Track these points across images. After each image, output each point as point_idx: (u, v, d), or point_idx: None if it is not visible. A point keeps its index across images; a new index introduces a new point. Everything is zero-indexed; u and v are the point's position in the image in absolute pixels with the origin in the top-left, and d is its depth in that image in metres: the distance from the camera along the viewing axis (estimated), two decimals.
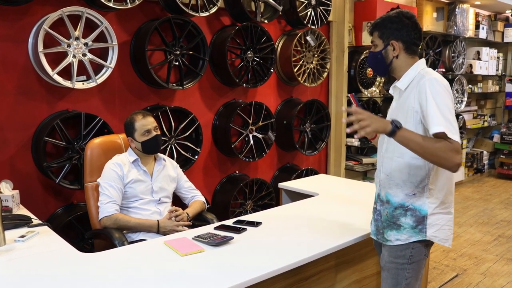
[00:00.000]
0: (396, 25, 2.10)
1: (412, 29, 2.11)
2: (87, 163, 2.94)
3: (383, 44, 2.14)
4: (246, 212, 4.37)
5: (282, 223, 2.68)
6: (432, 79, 2.00)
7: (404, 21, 2.10)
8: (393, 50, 2.13)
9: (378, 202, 2.26)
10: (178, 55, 3.75)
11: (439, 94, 1.95)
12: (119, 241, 2.55)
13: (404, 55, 2.13)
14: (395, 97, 2.22)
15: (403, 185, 2.12)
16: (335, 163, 5.39)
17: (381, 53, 2.16)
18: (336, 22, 5.21)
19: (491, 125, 8.32)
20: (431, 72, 2.08)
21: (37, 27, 3.18)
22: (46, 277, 1.92)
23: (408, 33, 2.10)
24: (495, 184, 7.80)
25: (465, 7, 6.85)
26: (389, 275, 2.18)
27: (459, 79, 7.04)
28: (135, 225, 2.75)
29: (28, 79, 3.22)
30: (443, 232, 2.13)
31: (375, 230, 2.28)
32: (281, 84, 4.83)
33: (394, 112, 2.18)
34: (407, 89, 2.11)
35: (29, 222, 2.54)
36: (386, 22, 2.13)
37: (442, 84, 2.00)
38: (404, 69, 2.14)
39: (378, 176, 2.26)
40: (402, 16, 2.11)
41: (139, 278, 1.91)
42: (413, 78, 2.10)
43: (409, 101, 2.06)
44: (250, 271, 1.97)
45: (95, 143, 2.98)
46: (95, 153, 2.95)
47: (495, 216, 5.94)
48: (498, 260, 4.47)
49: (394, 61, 2.15)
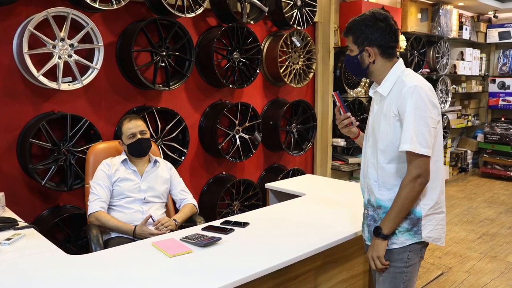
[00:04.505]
0: (370, 29, 2.04)
1: (387, 32, 2.04)
2: (89, 166, 3.10)
3: (358, 49, 2.09)
4: (233, 213, 4.37)
5: (270, 224, 2.70)
6: (414, 87, 1.97)
7: (379, 24, 2.04)
8: (368, 56, 2.08)
9: (369, 208, 2.21)
10: (164, 56, 3.74)
11: (418, 107, 1.95)
12: (94, 237, 2.68)
13: (380, 59, 2.09)
14: (376, 100, 2.18)
15: (394, 187, 2.08)
16: (321, 163, 5.42)
17: (357, 58, 2.11)
18: (322, 23, 5.24)
19: (474, 125, 8.42)
20: (412, 75, 2.07)
21: (21, 28, 3.15)
22: (33, 279, 1.91)
23: (383, 36, 2.04)
24: (479, 183, 7.90)
25: (449, 8, 6.93)
26: (386, 279, 2.14)
27: (443, 79, 7.12)
28: (113, 227, 2.81)
29: (13, 80, 3.19)
30: (436, 232, 2.11)
31: (369, 235, 2.21)
32: (267, 84, 4.84)
33: (376, 116, 2.15)
34: (389, 95, 2.08)
35: (15, 225, 2.52)
36: (360, 26, 2.06)
37: (424, 91, 1.98)
38: (383, 72, 2.10)
39: (365, 182, 2.22)
40: (376, 19, 2.04)
41: (127, 279, 1.91)
42: (394, 82, 2.07)
43: (391, 107, 2.04)
44: (238, 272, 1.98)
45: (98, 148, 3.17)
46: (97, 158, 3.10)
47: (479, 214, 6.02)
48: (482, 258, 4.54)
49: (371, 66, 2.11)
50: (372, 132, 2.16)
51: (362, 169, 2.27)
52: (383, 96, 2.10)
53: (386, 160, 2.08)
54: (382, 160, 2.10)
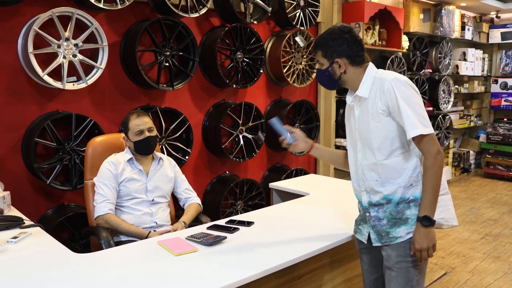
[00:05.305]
0: (337, 42, 2.14)
1: (353, 43, 2.14)
2: (88, 161, 2.96)
3: (328, 62, 2.18)
4: (237, 213, 4.38)
5: (274, 223, 2.70)
6: (394, 80, 2.06)
7: (344, 36, 2.13)
8: (339, 67, 2.17)
9: (371, 209, 2.22)
10: (168, 56, 3.75)
11: (406, 95, 2.03)
12: (105, 241, 2.56)
13: (351, 68, 2.17)
14: (355, 105, 2.24)
15: (398, 179, 2.12)
16: (324, 163, 5.42)
17: (328, 71, 2.19)
18: (325, 23, 5.25)
19: (477, 125, 8.42)
20: (387, 73, 2.15)
21: (26, 28, 3.17)
22: (40, 278, 1.91)
23: (350, 47, 2.14)
24: (481, 183, 7.90)
25: (451, 8, 6.93)
26: (399, 274, 2.15)
27: (445, 79, 7.12)
28: (125, 230, 2.73)
29: (18, 80, 3.21)
30: (447, 213, 2.20)
31: (376, 236, 2.22)
32: (271, 84, 4.85)
33: (361, 119, 2.20)
34: (370, 95, 2.15)
35: (21, 223, 2.53)
36: (327, 40, 2.16)
37: (405, 81, 2.07)
38: (357, 78, 2.18)
39: (363, 185, 2.25)
40: (341, 32, 2.14)
41: (133, 278, 1.92)
42: (372, 82, 2.15)
43: (377, 105, 2.10)
44: (243, 270, 1.99)
45: (96, 141, 3.01)
46: (96, 152, 2.98)
47: (482, 215, 6.03)
48: (485, 258, 4.54)
49: (342, 76, 2.19)
50: (360, 136, 2.21)
51: (355, 176, 2.30)
52: (364, 98, 2.17)
53: (384, 156, 2.13)
54: (380, 158, 2.14)
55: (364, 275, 2.44)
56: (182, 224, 2.82)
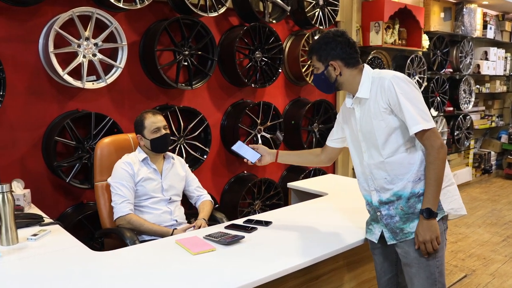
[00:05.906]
0: (331, 45, 2.17)
1: (346, 45, 2.18)
2: (97, 163, 2.93)
3: (323, 66, 2.22)
4: (255, 212, 4.37)
5: (292, 223, 2.69)
6: (393, 77, 2.09)
7: (337, 39, 2.17)
8: (334, 70, 2.20)
9: (382, 208, 2.22)
10: (187, 55, 3.76)
11: (406, 91, 2.07)
12: (130, 241, 2.54)
13: (347, 70, 2.20)
14: (355, 107, 2.25)
15: (406, 174, 2.14)
16: (342, 163, 5.39)
17: (324, 74, 2.23)
18: (344, 22, 5.21)
19: (498, 126, 8.29)
20: (385, 71, 2.17)
21: (47, 28, 3.20)
22: (60, 275, 1.93)
23: (343, 50, 2.17)
24: (503, 184, 7.78)
25: (473, 7, 6.83)
26: (420, 269, 2.16)
27: (466, 79, 7.02)
28: (148, 230, 2.72)
29: (39, 79, 3.24)
30: (455, 203, 2.21)
31: (391, 234, 2.22)
32: (289, 84, 4.83)
33: (363, 120, 2.21)
34: (371, 94, 2.17)
35: (40, 221, 2.56)
36: (321, 44, 2.20)
37: (404, 78, 2.10)
38: (354, 80, 2.21)
39: (372, 185, 2.25)
40: (334, 35, 2.18)
41: (151, 276, 1.92)
42: (371, 82, 2.17)
43: (379, 104, 2.13)
44: (261, 270, 1.98)
45: (105, 142, 2.98)
46: (105, 152, 2.95)
47: (503, 216, 5.92)
48: (507, 261, 4.46)
49: (338, 78, 2.22)
50: (364, 137, 2.23)
51: (362, 176, 2.30)
52: (365, 99, 2.19)
53: (390, 153, 2.15)
54: (386, 155, 2.16)
55: (378, 276, 2.44)
56: (204, 221, 2.83)
